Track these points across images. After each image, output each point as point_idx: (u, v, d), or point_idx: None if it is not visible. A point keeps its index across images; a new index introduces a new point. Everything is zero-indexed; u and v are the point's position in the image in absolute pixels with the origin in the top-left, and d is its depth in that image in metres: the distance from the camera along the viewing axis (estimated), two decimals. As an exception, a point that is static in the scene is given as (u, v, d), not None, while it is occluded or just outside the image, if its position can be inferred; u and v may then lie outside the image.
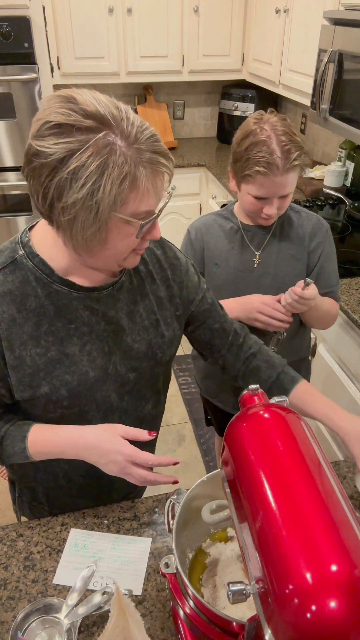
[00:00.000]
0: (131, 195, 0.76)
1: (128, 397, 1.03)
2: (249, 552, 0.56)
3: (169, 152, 0.79)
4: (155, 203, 0.81)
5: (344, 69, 2.05)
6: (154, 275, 1.01)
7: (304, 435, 0.63)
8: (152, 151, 0.76)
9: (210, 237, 1.47)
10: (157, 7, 3.04)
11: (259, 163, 1.23)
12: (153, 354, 1.01)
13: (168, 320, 1.03)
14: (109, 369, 0.97)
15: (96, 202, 0.74)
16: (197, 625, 0.72)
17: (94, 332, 0.94)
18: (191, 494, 0.85)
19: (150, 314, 1.01)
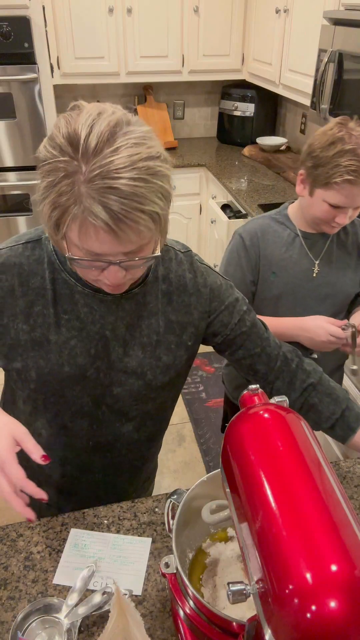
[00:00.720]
0: (70, 226, 0.72)
1: (106, 408, 0.99)
2: (249, 552, 0.56)
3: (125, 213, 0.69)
4: (97, 247, 0.73)
5: (344, 69, 2.05)
6: (173, 297, 0.97)
7: (304, 435, 0.63)
8: (98, 202, 0.68)
9: (266, 243, 1.41)
10: (157, 7, 3.04)
11: (349, 172, 1.20)
12: (142, 373, 0.97)
13: (172, 346, 0.98)
14: (88, 371, 0.94)
15: (45, 218, 0.74)
16: (197, 625, 0.72)
17: (85, 330, 0.92)
18: (191, 494, 0.85)
19: (152, 333, 0.96)
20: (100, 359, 0.94)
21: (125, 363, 0.96)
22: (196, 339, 1.02)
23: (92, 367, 0.94)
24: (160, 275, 0.96)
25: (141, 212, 0.70)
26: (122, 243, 0.73)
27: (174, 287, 0.97)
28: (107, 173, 0.67)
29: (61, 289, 0.91)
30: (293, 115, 3.48)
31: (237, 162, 3.34)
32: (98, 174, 0.68)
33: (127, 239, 0.72)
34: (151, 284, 0.95)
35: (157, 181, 0.71)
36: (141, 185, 0.69)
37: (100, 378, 0.95)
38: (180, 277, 0.98)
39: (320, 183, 1.26)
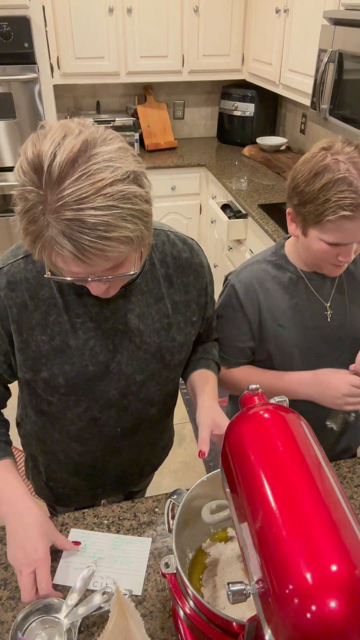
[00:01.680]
0: (42, 252, 0.74)
1: (132, 397, 1.04)
2: (249, 552, 0.56)
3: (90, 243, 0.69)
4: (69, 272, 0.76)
5: (344, 69, 2.05)
6: (173, 279, 1.01)
7: (304, 435, 0.63)
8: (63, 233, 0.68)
9: (266, 293, 1.21)
10: (157, 7, 3.04)
11: (343, 207, 0.99)
12: (162, 356, 1.02)
13: (181, 325, 1.03)
14: (110, 366, 0.98)
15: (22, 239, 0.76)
16: (197, 625, 0.72)
17: (100, 329, 0.96)
18: (191, 494, 0.85)
19: (163, 317, 1.00)
20: (119, 353, 0.98)
21: (144, 350, 1.00)
22: (199, 314, 1.07)
23: (114, 360, 0.98)
24: (157, 261, 0.99)
25: (107, 239, 0.69)
26: (93, 266, 0.73)
27: (172, 269, 1.01)
28: (72, 204, 0.67)
29: (69, 295, 0.93)
30: (293, 115, 3.48)
31: (237, 162, 3.34)
32: (62, 205, 0.67)
33: (97, 264, 0.73)
34: (150, 272, 0.98)
35: (125, 205, 0.69)
36: (106, 214, 0.68)
37: (122, 369, 0.99)
38: (176, 258, 1.01)
39: (312, 222, 1.06)
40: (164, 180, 3.27)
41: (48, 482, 1.21)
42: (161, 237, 1.00)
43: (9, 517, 0.92)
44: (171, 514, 0.84)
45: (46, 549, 0.88)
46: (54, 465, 1.17)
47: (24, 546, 0.88)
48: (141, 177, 0.73)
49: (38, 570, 0.86)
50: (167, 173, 3.27)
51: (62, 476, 1.19)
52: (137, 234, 0.73)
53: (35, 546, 0.88)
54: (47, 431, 1.10)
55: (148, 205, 0.75)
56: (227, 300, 1.25)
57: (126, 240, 0.72)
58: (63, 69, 3.08)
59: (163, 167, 3.25)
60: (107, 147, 0.70)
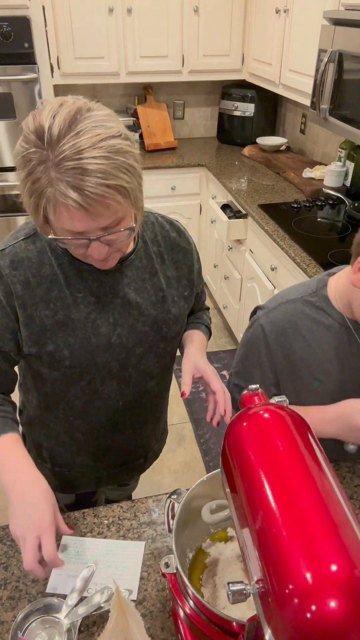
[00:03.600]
0: (47, 209, 0.80)
1: (132, 369, 1.09)
2: (249, 552, 0.56)
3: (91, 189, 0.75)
4: (72, 225, 0.80)
5: (344, 69, 2.05)
6: (164, 256, 1.08)
7: (304, 435, 0.63)
8: (66, 182, 0.75)
9: (301, 341, 1.05)
10: (157, 7, 3.04)
11: None
12: (159, 328, 1.07)
13: (175, 298, 1.09)
14: (112, 338, 1.03)
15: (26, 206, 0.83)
16: (197, 625, 0.72)
17: (101, 302, 1.01)
18: (191, 494, 0.85)
19: (158, 291, 1.06)
20: (119, 325, 1.03)
21: (142, 322, 1.05)
22: (190, 290, 1.13)
23: (115, 333, 1.03)
24: (149, 239, 1.06)
25: (106, 187, 0.76)
26: (95, 218, 0.79)
27: (163, 247, 1.08)
28: (72, 155, 0.74)
29: (69, 271, 0.99)
30: (293, 115, 3.48)
31: (237, 162, 3.34)
32: (63, 158, 0.75)
33: (98, 213, 0.79)
34: (143, 249, 1.05)
35: (120, 157, 0.77)
36: (104, 163, 0.76)
37: (123, 342, 1.04)
38: (166, 237, 1.09)
39: None
40: (164, 180, 3.27)
41: (53, 468, 1.24)
42: (150, 218, 1.09)
43: (15, 486, 0.89)
44: (171, 513, 0.84)
45: (52, 518, 0.86)
46: (58, 448, 1.21)
47: (31, 515, 0.85)
48: (131, 139, 0.82)
49: (43, 538, 0.84)
50: (167, 173, 3.27)
51: (66, 458, 1.22)
52: (132, 187, 0.80)
53: (42, 514, 0.85)
54: (50, 412, 1.14)
55: (138, 165, 0.82)
56: (253, 340, 1.11)
57: (123, 190, 0.79)
58: (63, 69, 3.09)
59: (163, 167, 3.25)
60: (99, 112, 0.79)
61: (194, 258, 1.14)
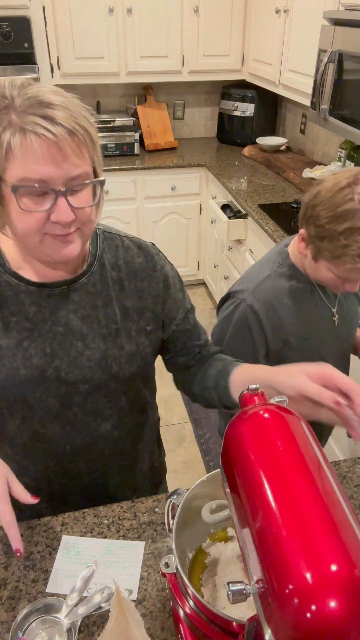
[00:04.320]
0: (11, 155, 0.73)
1: (77, 409, 0.96)
2: (249, 552, 0.56)
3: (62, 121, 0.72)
4: (40, 166, 0.72)
5: (344, 69, 2.05)
6: (124, 283, 0.95)
7: (304, 435, 0.63)
8: (25, 109, 0.71)
9: (285, 310, 1.19)
10: (157, 7, 3.04)
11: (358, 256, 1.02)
12: (107, 366, 0.94)
13: (132, 333, 0.96)
14: (47, 371, 0.91)
15: None
16: (197, 625, 0.72)
17: (37, 329, 0.90)
18: (191, 494, 0.85)
19: (111, 322, 0.94)
20: (58, 357, 0.91)
21: (87, 357, 0.93)
22: (155, 324, 0.99)
23: (51, 366, 0.91)
24: (108, 263, 0.94)
25: (76, 123, 0.73)
26: (65, 157, 0.73)
27: (124, 274, 0.95)
28: (37, 96, 0.72)
29: (5, 292, 0.88)
30: (293, 115, 3.48)
31: (237, 162, 3.34)
32: (28, 98, 0.72)
33: (70, 149, 0.73)
34: (99, 272, 0.93)
35: (80, 108, 0.76)
36: (68, 103, 0.74)
37: (62, 377, 0.92)
38: (129, 262, 0.96)
39: (326, 257, 1.08)
40: (164, 180, 3.28)
41: None
42: (115, 241, 0.97)
43: None
44: (171, 513, 0.84)
45: (2, 485, 0.82)
46: None
47: None
48: None
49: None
50: (167, 173, 3.27)
51: None
52: (96, 140, 0.78)
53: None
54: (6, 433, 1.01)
55: (95, 129, 0.79)
56: (242, 320, 1.19)
57: (90, 138, 0.76)
58: (63, 69, 3.09)
59: (163, 167, 3.25)
60: None
61: (159, 287, 0.98)
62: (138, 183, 3.25)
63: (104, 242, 0.96)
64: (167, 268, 1.01)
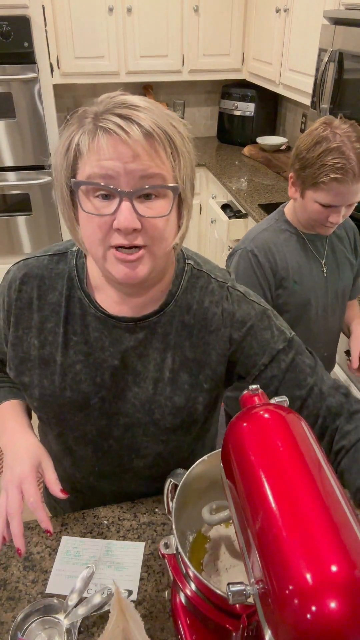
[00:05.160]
0: (79, 162, 0.71)
1: (113, 441, 0.94)
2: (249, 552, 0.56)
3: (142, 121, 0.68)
4: (106, 165, 0.68)
5: (344, 68, 2.05)
6: (193, 331, 0.87)
7: (304, 435, 0.63)
8: (105, 111, 0.69)
9: (280, 254, 1.39)
10: (157, 7, 3.04)
11: (335, 170, 1.19)
12: (150, 410, 0.89)
13: (185, 386, 0.88)
14: (91, 400, 0.89)
15: (57, 172, 0.74)
16: (199, 607, 0.71)
17: (93, 356, 0.87)
18: (191, 474, 0.83)
19: (166, 368, 0.88)
20: (106, 389, 0.89)
21: (135, 393, 0.89)
22: (214, 384, 0.90)
23: (97, 396, 0.89)
24: (185, 305, 0.87)
25: (157, 126, 0.68)
26: (135, 156, 0.67)
27: (197, 320, 0.87)
28: (124, 99, 0.70)
29: (74, 308, 0.87)
30: (293, 115, 3.47)
31: (237, 162, 3.34)
32: (116, 102, 0.69)
33: (140, 147, 0.67)
34: (172, 314, 0.87)
35: (174, 121, 0.73)
36: (156, 111, 0.70)
37: (105, 408, 0.90)
38: (207, 309, 0.87)
39: (309, 184, 1.26)
40: (164, 180, 3.27)
41: None
42: (201, 281, 0.88)
43: (8, 446, 0.89)
44: (170, 495, 0.83)
45: (32, 466, 0.84)
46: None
47: (13, 466, 0.84)
48: None
49: (24, 486, 0.82)
50: (167, 173, 3.27)
51: None
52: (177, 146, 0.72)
53: (21, 464, 0.84)
54: (45, 435, 1.03)
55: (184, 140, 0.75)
56: (246, 266, 1.38)
57: (174, 147, 0.71)
58: (63, 68, 3.08)
59: (163, 167, 3.25)
60: None
61: (227, 347, 0.87)
62: (138, 183, 3.25)
63: (188, 281, 0.88)
64: (243, 311, 0.88)
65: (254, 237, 1.41)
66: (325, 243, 1.44)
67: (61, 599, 0.86)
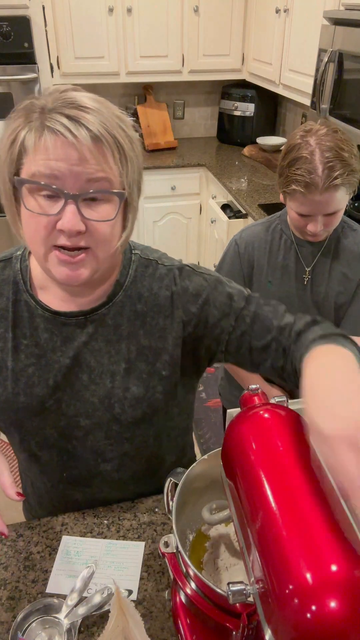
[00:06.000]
0: (24, 159, 0.70)
1: (77, 442, 0.91)
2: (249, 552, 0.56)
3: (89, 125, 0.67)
4: (52, 165, 0.67)
5: (344, 68, 2.05)
6: (146, 319, 0.87)
7: (304, 435, 0.63)
8: (53, 109, 0.67)
9: (261, 252, 1.39)
10: (157, 7, 3.04)
11: (297, 182, 1.16)
12: (110, 405, 0.87)
13: (143, 375, 0.87)
14: (46, 402, 0.88)
15: (3, 166, 0.72)
16: (199, 606, 0.71)
17: (45, 358, 0.86)
18: (191, 474, 0.83)
19: (122, 360, 0.86)
20: (61, 390, 0.87)
21: (92, 391, 0.87)
22: (172, 370, 0.89)
23: (52, 398, 0.88)
24: (135, 294, 0.86)
25: (105, 130, 0.68)
26: (81, 159, 0.67)
27: (149, 307, 0.87)
28: (73, 98, 0.68)
29: (21, 312, 0.86)
30: (293, 115, 3.47)
31: (237, 162, 3.34)
32: (64, 100, 0.68)
33: (88, 151, 0.67)
34: (122, 304, 0.86)
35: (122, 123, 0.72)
36: (105, 114, 0.69)
37: (62, 409, 0.88)
38: (157, 295, 0.87)
39: (285, 193, 1.25)
40: (164, 180, 3.27)
41: None
42: (149, 268, 0.88)
43: None
44: (170, 494, 0.83)
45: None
46: None
47: None
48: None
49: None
50: (167, 173, 3.27)
51: None
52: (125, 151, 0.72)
53: None
54: (12, 444, 0.99)
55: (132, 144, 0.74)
56: (228, 253, 1.45)
57: (121, 151, 0.71)
58: (63, 68, 3.08)
59: (163, 167, 3.25)
60: None
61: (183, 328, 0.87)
62: (138, 183, 3.25)
63: (136, 271, 0.88)
64: (195, 283, 0.88)
65: (246, 228, 1.45)
66: (317, 252, 1.36)
67: (61, 598, 0.86)
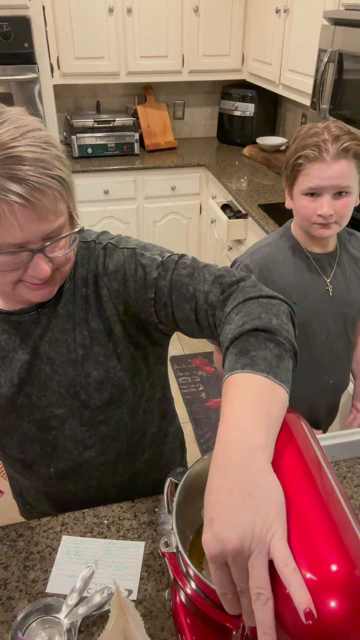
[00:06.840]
0: None
1: (56, 432, 0.93)
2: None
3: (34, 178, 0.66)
4: (15, 230, 0.68)
5: (344, 69, 2.05)
6: (90, 301, 0.87)
7: (304, 435, 0.63)
8: (4, 175, 0.65)
9: (279, 272, 1.30)
10: (157, 7, 3.04)
11: (308, 146, 1.17)
12: (75, 393, 0.88)
13: (100, 358, 0.87)
14: (17, 400, 0.89)
15: None
16: (199, 606, 0.71)
17: (8, 358, 0.87)
18: (191, 473, 0.83)
19: (78, 347, 0.86)
20: (28, 385, 0.89)
21: (57, 382, 0.88)
22: (125, 347, 0.88)
23: (21, 394, 0.89)
24: (80, 279, 0.86)
25: (49, 176, 0.68)
26: (40, 217, 0.69)
27: (91, 290, 0.86)
28: (5, 144, 0.66)
29: None
30: (293, 115, 3.48)
31: (237, 162, 3.34)
32: (2, 159, 0.65)
33: (44, 209, 0.68)
34: (71, 291, 0.86)
35: (51, 148, 0.70)
36: (39, 151, 0.67)
37: (34, 402, 0.90)
38: (95, 276, 0.87)
39: (293, 179, 1.25)
40: (164, 180, 3.27)
41: None
42: (89, 250, 0.88)
43: None
44: (170, 494, 0.83)
45: None
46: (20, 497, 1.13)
47: None
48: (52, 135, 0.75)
49: None
50: (167, 173, 3.27)
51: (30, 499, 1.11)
52: (70, 181, 0.72)
53: None
54: None
55: (69, 170, 0.74)
56: None
57: (64, 183, 0.70)
58: (63, 69, 3.08)
59: (163, 167, 3.25)
60: (12, 108, 0.72)
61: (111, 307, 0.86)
62: (138, 183, 3.25)
63: (79, 255, 0.88)
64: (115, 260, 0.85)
65: (254, 252, 1.35)
66: (333, 262, 1.35)
67: (61, 598, 0.87)
